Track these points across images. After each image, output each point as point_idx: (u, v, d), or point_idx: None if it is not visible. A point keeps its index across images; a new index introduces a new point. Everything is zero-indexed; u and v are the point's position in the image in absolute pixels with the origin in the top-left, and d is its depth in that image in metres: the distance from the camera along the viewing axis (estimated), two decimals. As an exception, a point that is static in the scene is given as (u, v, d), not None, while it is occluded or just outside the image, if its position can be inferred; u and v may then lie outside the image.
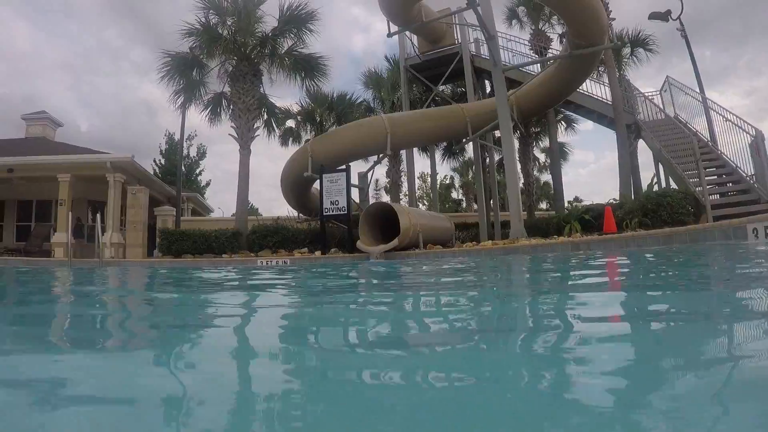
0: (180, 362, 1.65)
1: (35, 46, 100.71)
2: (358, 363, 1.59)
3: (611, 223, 12.03)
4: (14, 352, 1.85)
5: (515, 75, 18.37)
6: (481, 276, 5.89)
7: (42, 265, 14.94)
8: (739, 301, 2.77)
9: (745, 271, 4.68)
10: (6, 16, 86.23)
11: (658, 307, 2.68)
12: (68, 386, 1.36)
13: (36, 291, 5.58)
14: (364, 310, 3.20)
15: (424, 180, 45.85)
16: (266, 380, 1.39)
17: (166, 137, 37.30)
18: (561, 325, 2.21)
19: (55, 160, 19.76)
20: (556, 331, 2.04)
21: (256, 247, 16.18)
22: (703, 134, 14.79)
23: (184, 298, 4.32)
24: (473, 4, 13.73)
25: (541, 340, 1.86)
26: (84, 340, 2.17)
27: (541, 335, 1.97)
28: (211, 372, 1.49)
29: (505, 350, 1.74)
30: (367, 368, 1.49)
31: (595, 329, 2.04)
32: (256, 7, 17.41)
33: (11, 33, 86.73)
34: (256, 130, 18.18)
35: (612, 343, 1.76)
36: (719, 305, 2.66)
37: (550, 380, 1.31)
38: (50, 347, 1.99)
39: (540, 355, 1.62)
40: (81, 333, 2.43)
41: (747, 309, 2.46)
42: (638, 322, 2.20)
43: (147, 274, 9.42)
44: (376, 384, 1.32)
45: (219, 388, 1.30)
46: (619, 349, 1.67)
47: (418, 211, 16.07)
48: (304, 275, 7.43)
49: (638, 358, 1.55)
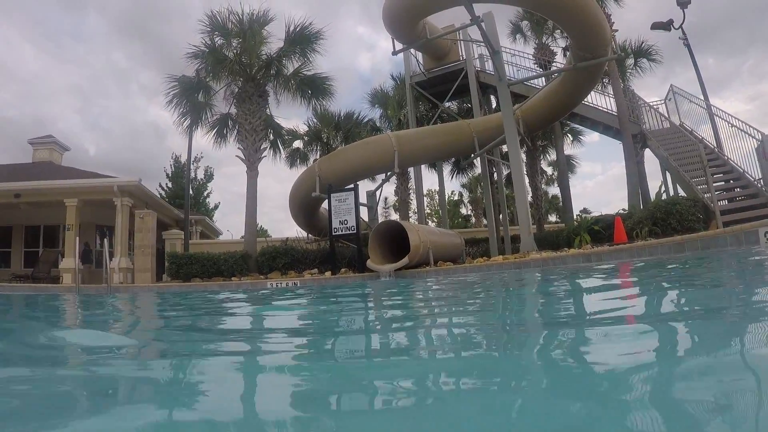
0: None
1: (44, 68, 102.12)
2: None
3: (622, 233, 11.93)
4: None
5: (520, 89, 18.42)
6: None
7: (48, 291, 14.93)
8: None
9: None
10: (14, 38, 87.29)
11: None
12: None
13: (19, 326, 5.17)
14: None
15: (432, 197, 45.91)
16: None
17: (173, 160, 37.50)
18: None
19: (62, 185, 19.78)
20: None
21: (266, 269, 16.12)
22: (709, 141, 14.76)
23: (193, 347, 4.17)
24: (477, 20, 13.77)
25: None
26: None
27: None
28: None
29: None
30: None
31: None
32: (261, 28, 17.52)
33: (20, 55, 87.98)
34: (262, 151, 18.19)
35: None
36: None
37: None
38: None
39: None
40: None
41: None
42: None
43: (153, 301, 9.26)
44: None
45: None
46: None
47: (427, 228, 16.00)
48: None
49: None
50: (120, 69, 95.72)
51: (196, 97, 18.72)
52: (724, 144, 14.27)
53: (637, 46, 20.45)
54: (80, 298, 10.71)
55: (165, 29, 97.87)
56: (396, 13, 14.31)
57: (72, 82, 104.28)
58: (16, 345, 3.30)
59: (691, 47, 17.36)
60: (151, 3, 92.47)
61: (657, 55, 20.46)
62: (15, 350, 2.97)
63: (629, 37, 27.14)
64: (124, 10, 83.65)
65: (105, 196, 19.70)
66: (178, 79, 18.29)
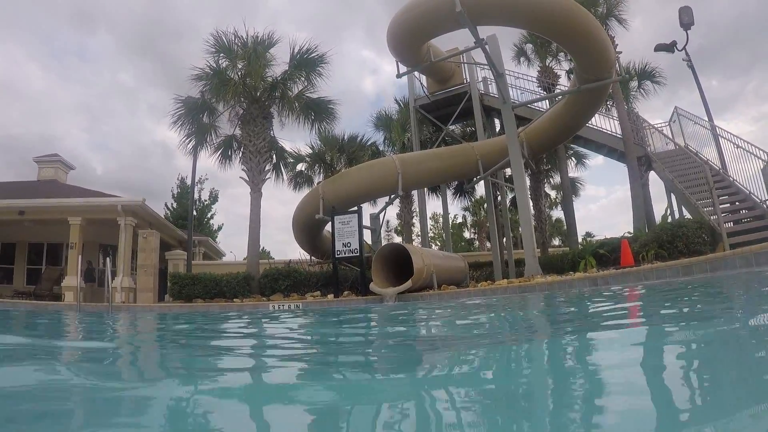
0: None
1: (51, 87, 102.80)
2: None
3: (628, 256, 11.78)
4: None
5: (524, 112, 18.46)
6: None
7: (49, 309, 14.83)
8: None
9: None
10: (20, 57, 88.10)
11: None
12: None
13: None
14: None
15: (435, 220, 45.95)
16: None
17: (178, 181, 37.64)
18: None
19: (66, 203, 19.79)
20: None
21: (268, 290, 16.00)
22: (714, 162, 14.68)
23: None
24: (481, 42, 13.84)
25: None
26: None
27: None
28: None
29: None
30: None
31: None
32: (265, 51, 17.59)
33: (27, 73, 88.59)
34: (266, 173, 18.18)
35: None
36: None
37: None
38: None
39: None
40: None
41: None
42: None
43: (153, 323, 9.13)
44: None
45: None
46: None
47: (431, 251, 15.92)
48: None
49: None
50: (129, 88, 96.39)
51: (201, 118, 18.76)
52: (729, 165, 14.21)
53: (641, 68, 20.46)
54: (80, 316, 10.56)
55: (175, 48, 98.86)
56: (400, 36, 14.37)
57: (80, 100, 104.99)
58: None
59: (694, 68, 17.38)
60: (162, 21, 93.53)
61: (660, 77, 20.47)
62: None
63: (633, 59, 27.22)
64: (135, 30, 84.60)
65: (109, 215, 19.68)
66: (183, 100, 18.35)
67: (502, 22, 13.56)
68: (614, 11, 18.23)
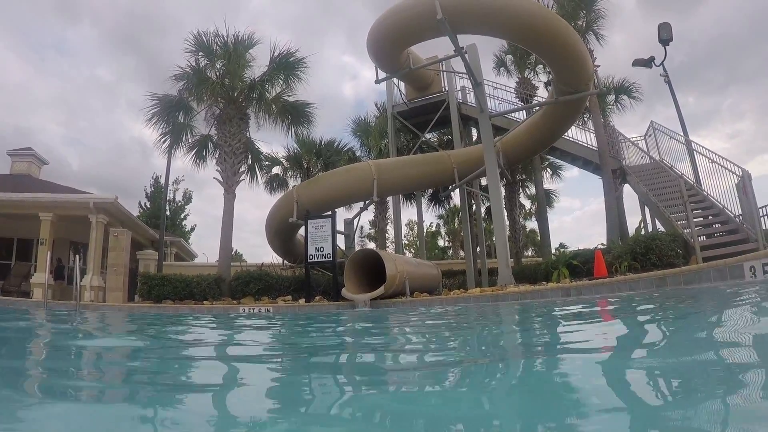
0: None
1: (28, 80, 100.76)
2: None
3: (602, 267, 11.84)
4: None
5: (501, 122, 18.54)
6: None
7: (14, 305, 14.49)
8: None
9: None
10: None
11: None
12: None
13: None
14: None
15: (411, 227, 45.99)
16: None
17: (153, 180, 37.10)
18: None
19: (37, 198, 19.29)
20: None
21: (239, 293, 15.79)
22: (688, 177, 14.83)
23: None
24: (461, 51, 13.87)
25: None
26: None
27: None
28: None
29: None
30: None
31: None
32: (245, 51, 17.44)
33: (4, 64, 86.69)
34: (241, 174, 17.97)
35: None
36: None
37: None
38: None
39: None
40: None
41: None
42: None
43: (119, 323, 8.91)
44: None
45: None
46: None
47: (404, 258, 15.87)
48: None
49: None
50: (108, 83, 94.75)
51: (177, 116, 18.52)
52: (704, 180, 14.35)
53: (619, 83, 20.71)
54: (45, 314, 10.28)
55: (159, 44, 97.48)
56: (381, 42, 14.36)
57: (56, 94, 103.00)
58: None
59: (671, 84, 17.55)
60: (148, 16, 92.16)
61: (637, 92, 20.73)
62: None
63: (614, 73, 27.52)
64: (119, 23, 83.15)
65: (81, 212, 19.27)
66: (159, 98, 18.11)
67: (483, 31, 13.61)
68: (593, 26, 18.41)
